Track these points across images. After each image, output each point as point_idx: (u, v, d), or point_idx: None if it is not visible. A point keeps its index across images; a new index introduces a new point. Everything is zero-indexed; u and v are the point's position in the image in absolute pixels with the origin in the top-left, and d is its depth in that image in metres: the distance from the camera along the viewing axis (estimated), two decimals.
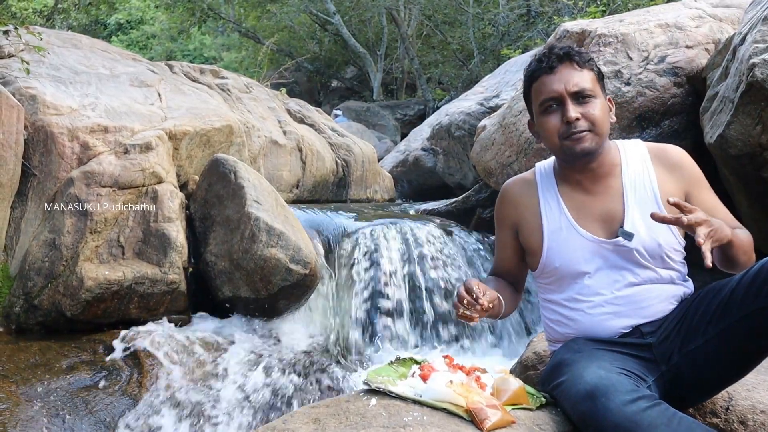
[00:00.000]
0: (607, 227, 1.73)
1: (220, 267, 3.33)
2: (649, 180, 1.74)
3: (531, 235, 1.83)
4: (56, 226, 3.18)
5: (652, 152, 1.80)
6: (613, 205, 1.74)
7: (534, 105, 1.79)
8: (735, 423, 1.68)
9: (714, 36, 3.50)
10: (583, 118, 1.69)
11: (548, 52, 1.75)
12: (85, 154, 3.35)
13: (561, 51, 1.73)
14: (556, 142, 1.73)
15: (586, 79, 1.71)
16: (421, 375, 1.59)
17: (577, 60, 1.73)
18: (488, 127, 4.25)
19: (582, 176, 1.78)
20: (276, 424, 1.47)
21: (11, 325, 3.09)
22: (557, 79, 1.71)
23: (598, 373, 1.47)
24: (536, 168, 1.91)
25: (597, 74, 1.76)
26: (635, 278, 1.71)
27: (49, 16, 10.82)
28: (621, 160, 1.78)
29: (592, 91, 1.71)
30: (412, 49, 14.96)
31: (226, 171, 3.50)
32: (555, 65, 1.72)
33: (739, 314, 1.54)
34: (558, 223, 1.78)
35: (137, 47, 20.19)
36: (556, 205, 1.80)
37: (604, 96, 1.77)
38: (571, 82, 1.70)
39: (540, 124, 1.77)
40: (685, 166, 1.78)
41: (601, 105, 1.72)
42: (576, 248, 1.74)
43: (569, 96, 1.70)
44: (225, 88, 5.25)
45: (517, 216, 1.87)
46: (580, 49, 1.77)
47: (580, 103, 1.70)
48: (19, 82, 3.50)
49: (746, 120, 2.66)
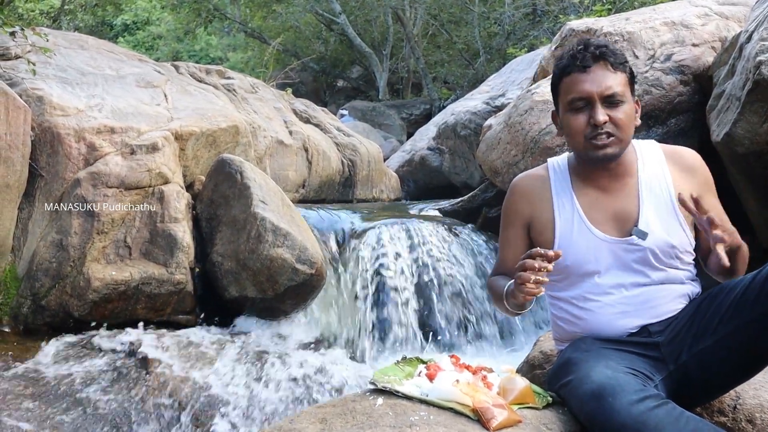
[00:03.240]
0: (620, 226, 1.72)
1: (226, 267, 3.34)
2: (665, 181, 1.73)
3: (542, 231, 1.80)
4: (63, 227, 3.19)
5: (668, 154, 1.79)
6: (627, 205, 1.73)
7: (562, 100, 1.76)
8: (743, 422, 1.67)
9: (720, 34, 3.48)
10: (611, 122, 1.66)
11: (584, 48, 1.70)
12: (91, 154, 3.36)
13: (597, 50, 1.68)
14: (581, 142, 1.71)
15: (618, 83, 1.68)
16: (427, 374, 1.59)
17: (612, 61, 1.68)
18: (494, 126, 4.23)
19: (599, 174, 1.76)
20: (282, 424, 1.47)
21: (19, 326, 3.11)
22: (590, 80, 1.67)
23: (605, 373, 1.46)
24: (549, 164, 1.88)
25: (629, 76, 1.73)
26: (646, 278, 1.70)
27: (55, 17, 10.85)
28: (637, 160, 1.77)
29: (622, 96, 1.68)
30: (418, 49, 14.94)
31: (232, 171, 3.50)
32: (589, 64, 1.68)
33: (752, 315, 1.52)
34: (570, 220, 1.76)
35: (143, 48, 20.20)
36: (569, 201, 1.78)
37: (633, 99, 1.74)
38: (603, 84, 1.67)
39: (566, 121, 1.74)
40: (699, 170, 1.77)
41: (629, 109, 1.69)
42: (587, 247, 1.73)
43: (600, 99, 1.67)
44: (231, 89, 5.26)
45: (530, 211, 1.83)
46: (615, 49, 1.72)
47: (610, 107, 1.67)
48: (26, 84, 3.51)
49: (753, 118, 2.64)
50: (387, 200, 6.52)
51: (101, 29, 16.77)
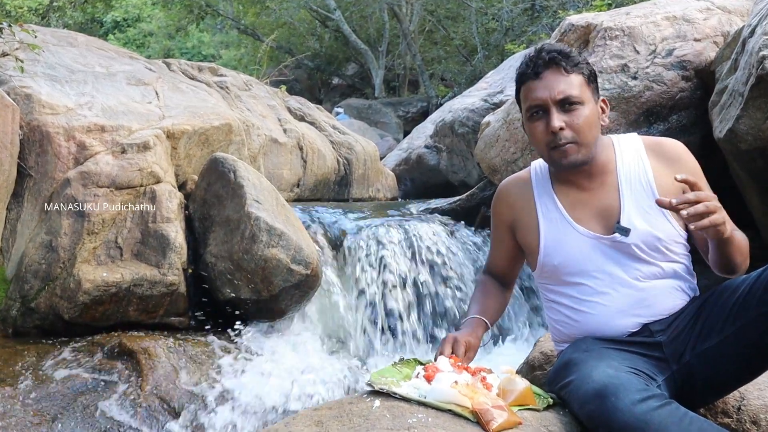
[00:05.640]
0: (604, 224, 1.71)
1: (220, 268, 3.28)
2: (645, 173, 1.72)
3: (528, 234, 1.82)
4: (53, 228, 3.13)
5: (648, 145, 1.77)
6: (609, 201, 1.72)
7: (522, 109, 1.77)
8: (747, 423, 1.66)
9: (723, 28, 3.46)
10: (568, 127, 1.65)
11: (536, 56, 1.71)
12: (81, 154, 3.30)
13: (548, 55, 1.68)
14: (545, 151, 1.72)
15: (573, 85, 1.67)
16: (425, 376, 1.57)
17: (564, 65, 1.67)
18: (492, 123, 4.20)
19: (576, 176, 1.76)
20: (278, 427, 1.45)
21: (8, 329, 3.05)
22: (543, 86, 1.68)
23: (607, 372, 1.44)
24: (531, 166, 1.90)
25: (587, 77, 1.71)
26: (638, 274, 1.68)
27: (44, 14, 10.76)
28: (615, 155, 1.76)
29: (578, 98, 1.66)
30: (415, 45, 14.87)
31: (225, 170, 3.45)
32: (541, 70, 1.68)
33: (757, 312, 1.50)
34: (555, 220, 1.76)
35: (134, 45, 20.05)
36: (551, 202, 1.78)
37: (596, 99, 1.72)
38: (556, 89, 1.66)
39: (527, 130, 1.76)
40: (683, 160, 1.75)
41: (589, 112, 1.68)
42: (574, 245, 1.72)
43: (554, 104, 1.66)
44: (224, 86, 5.20)
45: (512, 215, 1.87)
46: (569, 52, 1.71)
47: (566, 111, 1.66)
48: (14, 81, 3.45)
49: (756, 114, 2.62)
50: (384, 199, 6.47)
51: (91, 26, 16.65)
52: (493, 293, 1.97)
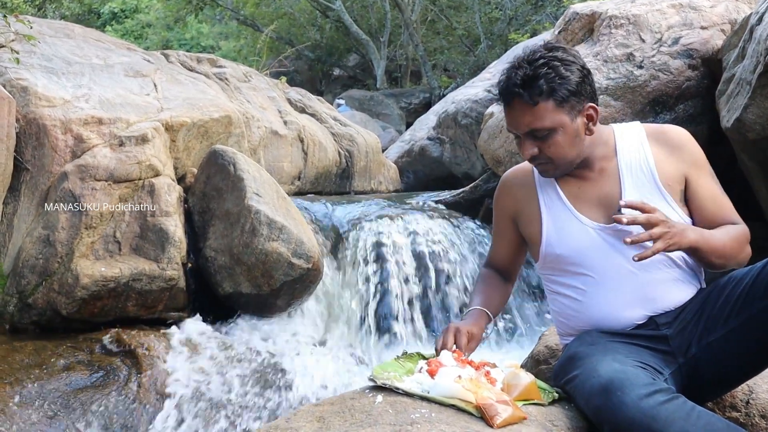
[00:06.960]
0: (607, 212, 1.70)
1: (220, 262, 3.26)
2: (646, 161, 1.70)
3: (530, 224, 1.82)
4: (50, 222, 3.10)
5: (650, 133, 1.75)
6: (610, 189, 1.71)
7: None
8: (756, 417, 1.65)
9: (730, 16, 3.41)
10: (541, 153, 1.67)
11: (505, 81, 1.67)
12: (79, 147, 3.26)
13: (513, 86, 1.63)
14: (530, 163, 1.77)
15: (538, 116, 1.62)
16: (428, 370, 1.55)
17: (526, 98, 1.61)
18: (496, 114, 4.16)
19: (575, 168, 1.75)
20: (279, 423, 1.44)
21: (5, 325, 3.02)
22: (512, 116, 1.68)
23: (613, 366, 1.42)
24: None
25: (560, 99, 1.62)
26: (641, 263, 1.64)
27: (40, 5, 10.71)
28: (616, 144, 1.74)
29: (547, 128, 1.63)
30: (417, 36, 14.77)
31: (225, 163, 3.41)
32: (509, 101, 1.67)
33: (762, 304, 1.48)
34: (557, 210, 1.76)
35: (132, 37, 19.90)
36: (554, 192, 1.78)
37: (575, 115, 1.65)
38: (522, 123, 1.65)
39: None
40: (686, 147, 1.72)
41: (561, 138, 1.64)
42: (576, 234, 1.71)
43: (523, 135, 1.67)
44: (223, 78, 5.15)
45: (515, 207, 1.87)
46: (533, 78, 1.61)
47: (538, 138, 1.65)
48: (10, 73, 3.40)
49: (764, 103, 2.59)
50: (386, 192, 6.43)
51: (88, 18, 16.60)
52: (496, 286, 1.96)
